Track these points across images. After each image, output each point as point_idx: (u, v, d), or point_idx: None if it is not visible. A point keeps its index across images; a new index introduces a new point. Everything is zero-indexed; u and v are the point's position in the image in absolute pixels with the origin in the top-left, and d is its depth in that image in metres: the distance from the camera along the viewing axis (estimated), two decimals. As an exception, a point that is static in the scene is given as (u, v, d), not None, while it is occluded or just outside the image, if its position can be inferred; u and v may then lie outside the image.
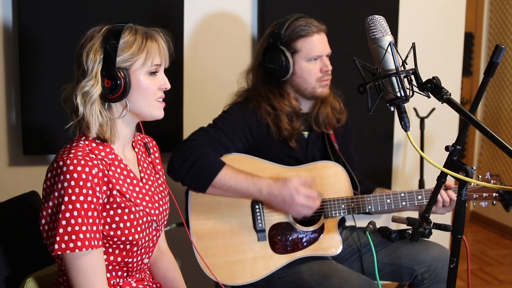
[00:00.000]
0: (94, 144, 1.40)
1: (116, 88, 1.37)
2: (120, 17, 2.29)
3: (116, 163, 1.43)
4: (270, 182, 1.91)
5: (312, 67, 2.02)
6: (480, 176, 1.99)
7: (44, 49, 2.25)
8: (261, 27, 2.56)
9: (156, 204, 1.51)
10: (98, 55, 1.37)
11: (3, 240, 1.59)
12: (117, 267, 1.45)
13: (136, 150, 1.56)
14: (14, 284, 1.57)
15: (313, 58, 2.01)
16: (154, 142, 1.68)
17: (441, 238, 2.49)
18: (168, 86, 1.46)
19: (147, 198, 1.48)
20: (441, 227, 1.55)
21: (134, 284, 1.49)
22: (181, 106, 2.48)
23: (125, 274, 1.48)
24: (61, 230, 1.29)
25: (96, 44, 1.37)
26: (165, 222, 1.59)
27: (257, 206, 1.97)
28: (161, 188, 1.58)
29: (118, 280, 1.46)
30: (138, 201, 1.45)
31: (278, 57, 2.00)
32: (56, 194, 1.31)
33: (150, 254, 1.55)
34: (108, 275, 1.43)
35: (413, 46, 1.31)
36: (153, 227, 1.50)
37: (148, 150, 1.60)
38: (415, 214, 2.85)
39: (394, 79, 1.30)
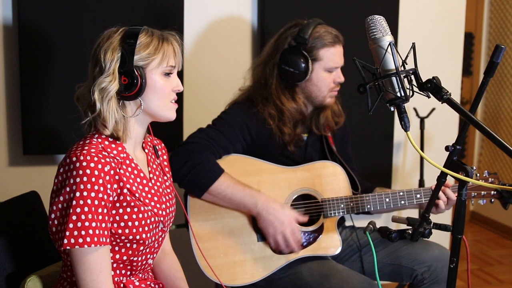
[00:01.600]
0: (106, 142, 1.42)
1: (132, 85, 1.40)
2: (120, 16, 2.30)
3: (128, 162, 1.44)
4: (268, 199, 1.91)
5: (327, 76, 2.02)
6: (478, 174, 1.99)
7: (45, 49, 2.25)
8: (261, 27, 2.56)
9: (164, 205, 1.52)
10: (116, 53, 1.40)
11: (4, 240, 1.59)
12: (121, 265, 1.46)
13: (146, 151, 1.57)
14: (14, 283, 1.57)
15: (331, 68, 2.02)
16: (163, 145, 1.69)
17: (441, 238, 2.50)
18: (181, 88, 1.50)
19: (155, 198, 1.49)
20: (441, 227, 1.55)
21: (137, 283, 1.49)
22: (181, 106, 2.48)
23: (128, 272, 1.49)
24: (71, 225, 1.30)
25: (114, 43, 1.41)
26: (171, 224, 1.60)
27: (257, 206, 1.97)
28: (168, 190, 1.59)
29: (121, 278, 1.47)
30: (147, 201, 1.46)
31: (299, 61, 1.99)
32: (68, 189, 1.32)
33: (155, 255, 1.56)
34: (112, 272, 1.44)
35: (413, 46, 1.31)
36: (160, 228, 1.52)
37: (156, 153, 1.61)
38: (415, 214, 2.86)
39: (394, 79, 1.30)
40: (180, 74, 2.47)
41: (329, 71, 2.02)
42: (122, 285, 1.46)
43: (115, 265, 1.44)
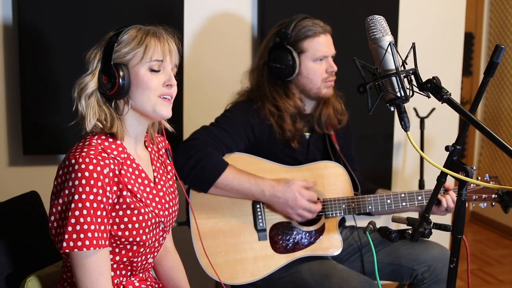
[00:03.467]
0: (106, 143, 1.40)
1: (113, 83, 1.38)
2: (121, 16, 2.30)
3: (129, 162, 1.43)
4: (273, 184, 1.92)
5: (317, 67, 2.02)
6: (479, 178, 1.99)
7: (45, 48, 2.25)
8: (261, 27, 2.56)
9: (166, 205, 1.52)
10: (98, 54, 1.40)
11: (3, 240, 1.59)
12: (121, 266, 1.46)
13: (149, 149, 1.56)
14: (14, 283, 1.57)
15: (319, 58, 2.01)
16: (167, 142, 1.67)
17: (441, 238, 2.49)
18: (173, 82, 1.43)
19: (157, 199, 1.48)
20: (441, 227, 1.55)
21: (137, 284, 1.49)
22: (181, 106, 2.48)
23: (129, 273, 1.48)
24: (70, 228, 1.29)
25: (102, 43, 1.42)
26: (173, 223, 1.60)
27: (258, 206, 1.97)
28: (171, 189, 1.58)
29: (121, 279, 1.47)
30: (148, 201, 1.45)
31: (285, 56, 2.00)
32: (67, 191, 1.31)
33: (155, 254, 1.56)
34: (112, 273, 1.43)
35: (413, 46, 1.31)
36: (161, 228, 1.51)
37: (169, 157, 1.60)
38: (415, 214, 2.86)
39: (394, 79, 1.30)
40: (180, 73, 2.47)
41: (317, 61, 2.01)
42: (122, 286, 1.45)
43: (115, 266, 1.44)
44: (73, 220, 1.29)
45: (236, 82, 2.22)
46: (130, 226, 1.40)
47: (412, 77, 1.31)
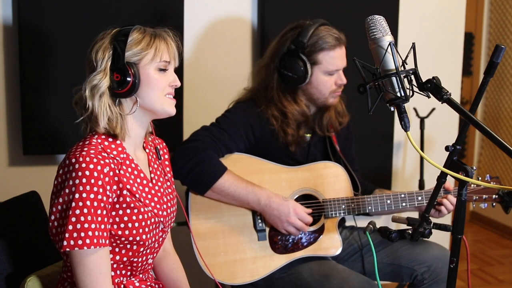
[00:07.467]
0: (106, 143, 1.41)
1: (125, 82, 1.39)
2: (120, 16, 2.30)
3: (128, 162, 1.44)
4: (270, 194, 1.92)
5: (328, 79, 2.01)
6: (480, 178, 1.99)
7: (45, 48, 2.25)
8: (261, 28, 2.56)
9: (164, 206, 1.52)
10: (107, 52, 1.41)
11: (4, 240, 1.60)
12: (121, 266, 1.46)
13: (147, 151, 1.57)
14: (14, 283, 1.57)
15: (331, 71, 2.00)
16: (165, 144, 1.68)
17: (441, 238, 2.50)
18: (178, 83, 1.49)
19: (155, 199, 1.49)
20: (441, 227, 1.55)
21: (137, 284, 1.49)
22: (181, 106, 2.48)
23: (129, 273, 1.49)
24: (70, 227, 1.30)
25: (105, 43, 1.41)
26: (172, 224, 1.60)
27: (257, 206, 1.97)
28: (169, 190, 1.59)
29: (122, 278, 1.47)
30: (147, 201, 1.45)
31: (298, 66, 1.98)
32: (67, 190, 1.32)
33: (155, 254, 1.56)
34: (113, 273, 1.44)
35: (413, 46, 1.31)
36: (160, 228, 1.51)
37: (158, 154, 1.60)
38: (415, 214, 2.86)
39: (394, 79, 1.30)
40: (180, 74, 2.47)
41: (329, 74, 2.00)
42: (122, 286, 1.46)
43: (115, 265, 1.44)
44: (73, 219, 1.30)
45: (235, 82, 2.21)
46: (130, 225, 1.40)
47: (412, 77, 1.31)
